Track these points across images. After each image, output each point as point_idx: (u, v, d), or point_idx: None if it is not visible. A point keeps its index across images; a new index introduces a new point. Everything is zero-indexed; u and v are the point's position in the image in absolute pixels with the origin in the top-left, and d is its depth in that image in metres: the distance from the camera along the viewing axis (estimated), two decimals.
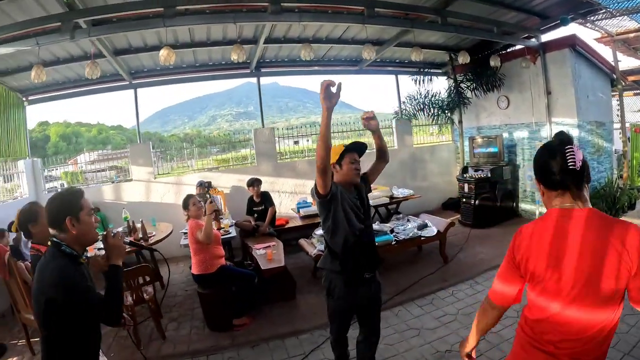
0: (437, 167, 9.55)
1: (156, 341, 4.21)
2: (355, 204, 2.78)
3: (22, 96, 7.29)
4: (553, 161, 1.52)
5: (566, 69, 6.99)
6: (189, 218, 4.48)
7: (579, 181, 1.50)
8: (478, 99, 8.51)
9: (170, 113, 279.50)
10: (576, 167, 1.47)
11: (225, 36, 6.61)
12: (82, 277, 1.85)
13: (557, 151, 1.51)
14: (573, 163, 1.47)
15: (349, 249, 2.71)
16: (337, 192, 2.65)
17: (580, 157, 1.48)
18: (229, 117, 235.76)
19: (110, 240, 2.05)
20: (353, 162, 2.82)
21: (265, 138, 8.14)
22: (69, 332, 1.85)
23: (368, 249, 2.82)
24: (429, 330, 4.00)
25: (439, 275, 5.33)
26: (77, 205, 1.92)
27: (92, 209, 2.01)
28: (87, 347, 1.96)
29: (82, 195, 2.00)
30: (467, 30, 6.65)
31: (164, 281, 5.93)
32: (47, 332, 1.88)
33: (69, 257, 1.86)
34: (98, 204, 7.16)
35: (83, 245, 1.98)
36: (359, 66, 8.80)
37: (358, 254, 2.74)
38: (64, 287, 1.77)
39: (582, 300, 1.42)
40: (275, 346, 4.00)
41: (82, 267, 1.93)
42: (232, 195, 7.67)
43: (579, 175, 1.49)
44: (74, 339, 1.87)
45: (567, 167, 1.48)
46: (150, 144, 7.89)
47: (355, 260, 2.73)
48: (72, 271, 1.82)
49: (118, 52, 6.54)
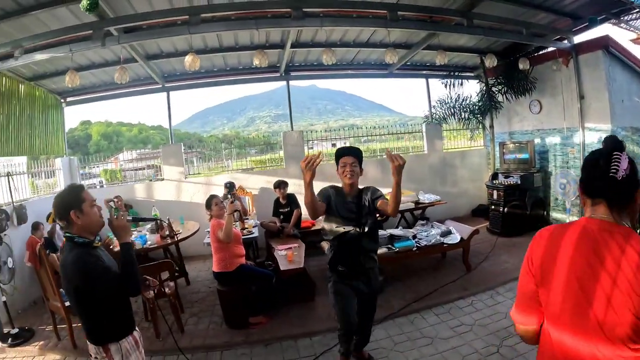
0: (468, 173, 9.37)
1: (175, 333, 4.35)
2: (348, 207, 3.11)
3: (60, 98, 7.75)
4: (597, 165, 1.37)
5: (599, 72, 6.71)
6: (211, 217, 4.61)
7: (618, 193, 1.33)
8: (510, 103, 8.31)
9: (210, 114, 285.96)
10: (617, 176, 1.30)
11: (252, 41, 6.77)
12: (98, 260, 2.09)
13: (605, 155, 1.36)
14: (615, 170, 1.31)
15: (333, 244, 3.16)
16: (330, 199, 3.10)
17: (625, 167, 1.30)
18: (268, 119, 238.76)
19: (114, 222, 2.23)
20: (343, 165, 3.11)
21: (294, 141, 8.24)
22: (102, 310, 2.09)
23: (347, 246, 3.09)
24: (443, 340, 3.94)
25: (459, 283, 5.24)
26: (79, 199, 2.14)
27: (94, 200, 2.21)
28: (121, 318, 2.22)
29: (83, 189, 2.21)
30: (495, 33, 6.49)
31: (189, 278, 6.16)
32: (84, 314, 2.12)
33: (82, 245, 2.08)
34: (131, 201, 7.48)
35: (92, 232, 2.19)
36: (388, 70, 8.78)
37: (337, 250, 3.15)
38: (84, 274, 1.99)
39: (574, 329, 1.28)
40: (288, 346, 4.07)
41: (97, 250, 2.16)
42: (259, 197, 7.81)
43: (620, 186, 1.31)
44: (108, 315, 2.12)
45: (608, 173, 1.32)
46: (181, 145, 8.14)
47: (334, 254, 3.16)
48: (88, 257, 2.04)
49: (150, 57, 6.84)
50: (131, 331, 2.25)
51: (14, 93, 6.48)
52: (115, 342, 2.13)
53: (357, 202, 3.13)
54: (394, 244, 5.36)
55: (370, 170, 8.43)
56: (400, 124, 9.81)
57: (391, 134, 9.44)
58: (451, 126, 9.54)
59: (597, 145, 6.65)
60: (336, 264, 3.16)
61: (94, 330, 2.14)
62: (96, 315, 2.09)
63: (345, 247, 3.10)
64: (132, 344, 2.21)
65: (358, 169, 3.14)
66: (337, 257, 3.15)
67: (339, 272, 3.15)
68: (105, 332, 2.14)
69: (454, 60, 8.68)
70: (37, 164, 7.13)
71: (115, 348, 2.13)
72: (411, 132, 9.75)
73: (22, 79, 6.65)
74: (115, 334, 2.15)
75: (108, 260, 2.20)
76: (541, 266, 1.39)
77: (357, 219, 3.09)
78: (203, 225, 6.11)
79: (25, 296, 5.46)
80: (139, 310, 5.01)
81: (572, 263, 1.30)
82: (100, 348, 2.12)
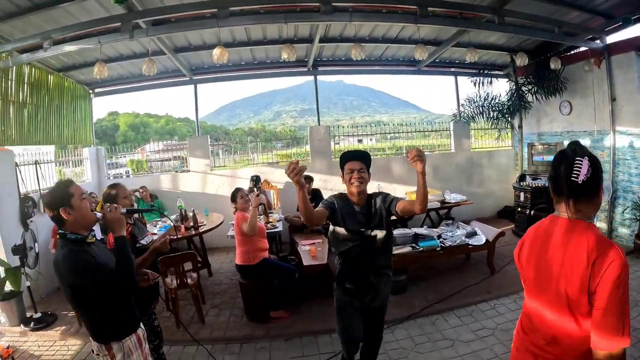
0: (495, 174, 9.19)
1: (195, 324, 4.45)
2: (356, 219, 2.73)
3: (88, 89, 7.92)
4: (562, 168, 1.57)
5: (632, 74, 6.42)
6: (236, 210, 4.62)
7: (576, 194, 1.54)
8: (539, 104, 8.09)
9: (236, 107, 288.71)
10: (578, 180, 1.52)
11: (281, 35, 6.76)
12: (91, 256, 2.02)
13: (567, 161, 1.56)
14: (576, 175, 1.52)
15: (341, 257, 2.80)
16: (334, 207, 2.75)
17: (585, 172, 1.51)
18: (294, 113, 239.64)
19: (108, 215, 2.17)
20: (350, 171, 2.74)
21: (321, 136, 8.22)
22: (102, 307, 2.05)
23: (356, 262, 2.74)
24: (463, 342, 3.89)
25: (483, 286, 5.15)
26: (67, 194, 2.06)
27: (83, 193, 2.13)
28: (124, 316, 2.19)
29: (71, 184, 2.12)
30: (526, 31, 6.31)
31: (211, 269, 6.23)
32: (81, 310, 2.11)
33: (75, 242, 2.03)
34: (156, 191, 7.62)
35: (86, 228, 2.13)
36: (417, 66, 8.65)
37: (345, 264, 2.79)
38: (76, 271, 1.96)
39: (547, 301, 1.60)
40: (308, 342, 4.07)
41: (91, 247, 2.10)
42: (285, 191, 7.83)
43: (578, 188, 1.53)
44: (109, 313, 2.09)
45: (570, 177, 1.53)
46: (207, 137, 8.23)
47: (343, 266, 2.80)
48: (80, 254, 1.99)
49: (178, 50, 6.91)
50: (135, 329, 2.23)
51: (43, 84, 6.65)
52: (118, 341, 2.11)
53: (367, 212, 2.77)
54: (419, 243, 5.31)
55: (396, 168, 8.38)
56: (427, 122, 9.69)
57: (418, 131, 9.35)
58: (479, 125, 9.37)
59: (629, 150, 6.48)
60: (343, 280, 2.81)
61: (96, 328, 2.12)
62: (96, 313, 2.07)
63: (353, 262, 2.76)
64: (135, 343, 2.19)
65: (367, 175, 2.76)
66: (345, 272, 2.80)
67: (345, 289, 2.82)
68: (108, 331, 2.12)
69: (483, 58, 8.50)
70: (64, 153, 7.30)
71: (118, 347, 2.11)
72: (438, 130, 9.62)
73: (51, 70, 6.81)
74: (118, 332, 2.14)
75: (103, 256, 2.13)
76: (519, 255, 1.78)
77: (366, 232, 2.72)
78: (227, 217, 6.17)
79: (50, 282, 5.58)
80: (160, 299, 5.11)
81: (539, 251, 1.66)
82: (103, 346, 2.10)
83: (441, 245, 5.36)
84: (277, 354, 3.87)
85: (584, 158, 1.53)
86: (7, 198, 5.15)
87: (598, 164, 1.56)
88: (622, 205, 6.68)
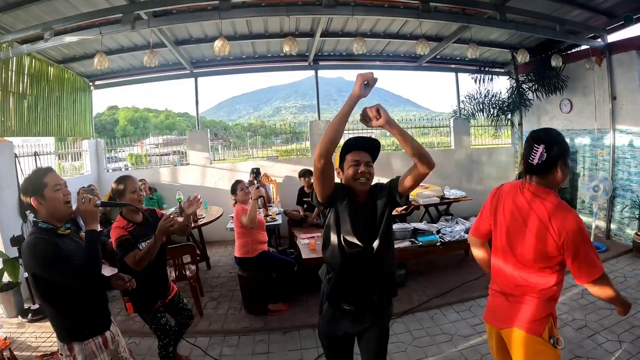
0: (495, 171, 9.18)
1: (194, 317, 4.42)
2: (358, 221, 2.10)
3: (88, 81, 7.90)
4: (525, 151, 1.95)
5: (633, 73, 6.41)
6: (236, 203, 4.62)
7: (533, 171, 1.93)
8: (540, 101, 8.08)
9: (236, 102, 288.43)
10: (533, 162, 1.88)
11: (282, 29, 6.73)
12: (56, 248, 1.92)
13: (527, 146, 1.93)
14: (532, 159, 1.88)
15: (334, 269, 2.16)
16: (335, 201, 2.13)
17: (539, 157, 1.85)
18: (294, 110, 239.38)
19: (81, 207, 2.07)
20: (355, 164, 2.14)
21: (321, 131, 8.20)
22: (66, 304, 1.99)
23: (358, 276, 2.12)
24: (462, 337, 3.90)
25: (482, 281, 5.12)
26: (40, 184, 1.98)
27: (58, 184, 2.03)
28: (90, 316, 2.10)
29: (47, 172, 2.03)
30: (528, 28, 6.30)
31: (210, 262, 6.23)
32: (44, 303, 2.04)
33: (45, 231, 1.96)
34: (156, 184, 7.61)
35: (58, 219, 2.04)
36: (418, 62, 8.64)
37: (342, 278, 2.14)
38: (37, 260, 1.90)
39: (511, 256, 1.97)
40: (306, 335, 4.07)
41: (62, 239, 2.01)
42: (284, 185, 7.88)
43: (534, 168, 1.90)
44: (74, 311, 2.02)
45: (527, 159, 1.91)
46: (207, 131, 8.23)
47: (337, 284, 2.16)
48: (46, 244, 1.90)
49: (179, 42, 6.88)
50: (102, 331, 2.14)
51: (44, 75, 6.63)
52: (80, 342, 2.03)
53: (372, 209, 2.16)
54: (418, 237, 5.31)
55: (397, 163, 8.38)
56: (427, 119, 9.66)
57: (417, 127, 9.31)
58: (479, 122, 9.36)
59: (629, 149, 6.51)
60: (339, 300, 2.17)
61: (59, 326, 2.04)
62: (58, 308, 2.00)
63: (353, 275, 2.12)
64: (100, 345, 2.09)
65: (373, 170, 2.19)
66: (340, 289, 2.16)
67: (341, 312, 2.18)
68: (70, 330, 2.03)
69: (484, 55, 8.48)
70: (64, 145, 7.29)
71: (79, 348, 2.02)
72: (438, 126, 9.61)
73: (52, 61, 6.79)
74: (81, 333, 2.04)
75: (73, 250, 2.02)
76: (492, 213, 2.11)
77: (371, 235, 2.10)
78: (227, 210, 6.17)
79: None
80: None
81: (506, 212, 2.01)
82: (65, 346, 2.02)
83: (440, 240, 5.36)
84: (275, 347, 3.87)
85: (541, 145, 1.85)
86: (6, 189, 5.14)
87: (557, 149, 1.86)
88: (621, 203, 6.69)
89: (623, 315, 2.01)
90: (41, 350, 3.99)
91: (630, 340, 3.62)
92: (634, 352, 3.39)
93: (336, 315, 2.21)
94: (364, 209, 2.14)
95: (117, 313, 4.64)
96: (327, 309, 2.25)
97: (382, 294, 2.19)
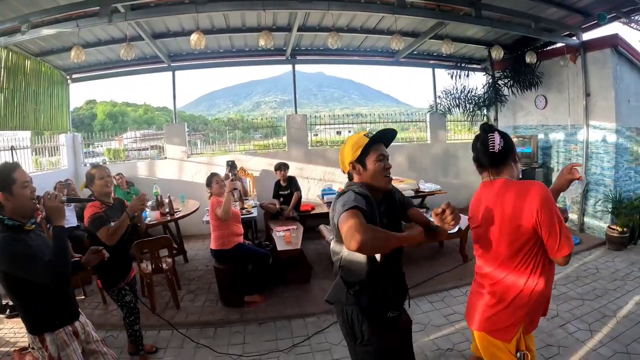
0: (471, 165, 8.98)
1: (171, 309, 4.46)
2: (381, 222, 1.91)
3: (65, 74, 7.77)
4: (478, 145, 1.96)
5: (607, 70, 6.61)
6: (211, 195, 4.62)
7: (496, 161, 1.93)
8: (515, 97, 8.25)
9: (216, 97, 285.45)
10: (495, 150, 1.89)
11: (259, 23, 6.71)
12: (25, 245, 1.93)
13: (482, 138, 1.95)
14: (493, 146, 1.89)
15: (370, 277, 1.92)
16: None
17: (498, 142, 1.88)
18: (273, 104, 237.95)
19: (47, 203, 2.06)
20: (381, 158, 1.96)
21: (298, 125, 8.26)
22: (36, 297, 1.99)
23: (392, 279, 2.04)
24: (435, 327, 3.99)
25: (455, 273, 5.26)
26: (9, 179, 1.97)
27: (26, 181, 2.03)
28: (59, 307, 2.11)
29: (15, 169, 2.02)
30: (503, 25, 6.42)
31: (187, 256, 6.23)
32: (15, 299, 2.05)
33: (11, 228, 1.95)
34: (133, 179, 7.56)
35: (24, 216, 2.03)
36: (395, 57, 8.71)
37: (379, 285, 1.96)
38: (6, 258, 1.89)
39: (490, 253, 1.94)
40: (282, 326, 4.12)
41: (29, 234, 2.01)
42: (261, 178, 7.90)
43: (496, 157, 1.91)
44: (43, 303, 2.02)
45: (487, 150, 1.91)
46: (185, 125, 8.20)
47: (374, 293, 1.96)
48: (12, 242, 1.90)
49: (157, 36, 6.83)
50: (71, 321, 2.16)
51: (20, 68, 6.50)
52: (51, 332, 2.04)
53: (392, 206, 2.09)
54: None
55: None
56: (407, 115, 9.76)
57: (395, 122, 9.41)
58: (455, 117, 9.51)
59: (602, 144, 6.69)
60: (383, 310, 1.99)
61: (29, 319, 2.06)
62: (29, 302, 2.01)
63: (386, 276, 1.98)
64: (70, 334, 2.11)
65: None
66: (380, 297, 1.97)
67: (389, 321, 2.00)
68: (41, 322, 2.05)
69: (461, 52, 8.60)
70: (41, 139, 7.16)
71: (51, 338, 2.04)
72: (415, 121, 9.72)
73: (29, 54, 6.67)
74: (52, 323, 2.06)
75: (40, 245, 2.02)
76: (471, 214, 2.10)
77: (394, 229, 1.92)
78: (204, 204, 6.16)
79: None
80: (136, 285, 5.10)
81: (482, 209, 1.96)
82: (37, 338, 2.04)
83: None
84: (251, 338, 3.91)
85: (494, 133, 1.90)
86: None
87: (507, 137, 1.95)
88: (594, 197, 6.89)
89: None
90: (20, 345, 3.96)
91: (601, 328, 3.74)
92: (605, 342, 3.50)
93: (383, 332, 1.97)
94: (387, 209, 2.04)
95: (94, 307, 4.64)
96: (370, 330, 1.95)
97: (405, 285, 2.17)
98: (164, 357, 3.60)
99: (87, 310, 4.48)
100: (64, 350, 2.06)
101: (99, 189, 3.14)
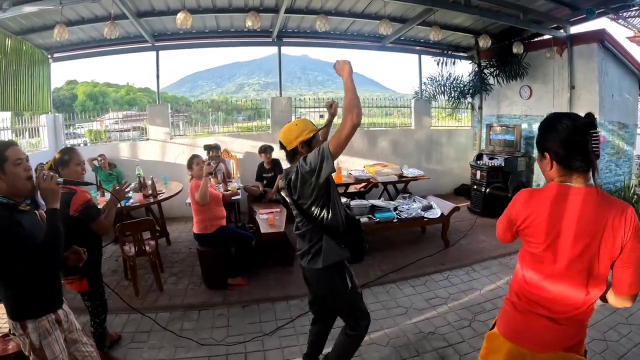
0: (453, 152, 9.44)
1: (154, 293, 4.43)
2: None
3: (47, 53, 7.53)
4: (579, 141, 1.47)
5: (592, 64, 6.73)
6: (192, 178, 4.56)
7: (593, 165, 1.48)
8: (500, 87, 8.34)
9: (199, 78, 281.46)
10: (599, 152, 1.48)
11: (247, 3, 6.60)
12: (17, 225, 1.86)
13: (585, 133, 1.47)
14: (597, 150, 1.47)
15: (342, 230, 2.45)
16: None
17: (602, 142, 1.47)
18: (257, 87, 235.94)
19: (42, 184, 1.98)
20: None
21: (282, 107, 8.21)
22: (20, 281, 1.93)
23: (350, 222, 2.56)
24: (417, 310, 4.04)
25: (437, 258, 5.33)
26: (1, 157, 1.91)
27: (19, 158, 1.97)
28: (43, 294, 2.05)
29: (7, 147, 1.97)
30: (492, 15, 6.46)
31: (170, 238, 6.18)
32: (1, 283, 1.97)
33: (7, 207, 1.89)
34: (115, 160, 7.43)
35: (18, 195, 1.98)
36: (382, 42, 8.67)
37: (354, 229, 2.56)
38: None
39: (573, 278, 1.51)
40: (265, 308, 4.13)
41: (22, 215, 1.94)
42: (244, 161, 7.84)
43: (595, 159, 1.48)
44: (28, 288, 1.96)
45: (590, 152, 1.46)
46: (168, 105, 8.06)
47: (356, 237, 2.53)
48: (5, 220, 1.83)
49: (141, 14, 6.65)
50: (54, 309, 2.10)
51: (1, 47, 6.29)
52: (33, 320, 1.98)
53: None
54: (375, 214, 5.44)
55: (357, 141, 8.43)
56: (390, 100, 9.76)
57: (379, 107, 9.44)
58: (440, 104, 9.56)
59: None
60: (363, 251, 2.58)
61: (11, 304, 1.99)
62: (14, 286, 1.95)
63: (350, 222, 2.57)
64: (53, 323, 2.05)
65: None
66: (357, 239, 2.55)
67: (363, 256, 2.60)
68: (23, 307, 1.99)
69: (448, 39, 8.62)
70: (21, 120, 6.98)
71: (33, 326, 1.97)
72: (399, 106, 9.75)
73: (9, 32, 6.43)
74: (34, 310, 2.00)
75: (33, 226, 1.96)
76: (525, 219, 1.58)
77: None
78: (186, 186, 6.08)
79: None
80: (119, 268, 5.07)
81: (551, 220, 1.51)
82: (18, 324, 1.98)
83: (397, 217, 5.49)
84: (234, 320, 3.92)
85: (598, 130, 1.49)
86: None
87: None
88: None
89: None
90: (2, 331, 3.90)
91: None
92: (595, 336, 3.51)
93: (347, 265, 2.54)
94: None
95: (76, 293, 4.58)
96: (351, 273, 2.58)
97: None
98: (147, 341, 3.58)
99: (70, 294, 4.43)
100: (46, 338, 2.00)
101: (74, 175, 2.81)
